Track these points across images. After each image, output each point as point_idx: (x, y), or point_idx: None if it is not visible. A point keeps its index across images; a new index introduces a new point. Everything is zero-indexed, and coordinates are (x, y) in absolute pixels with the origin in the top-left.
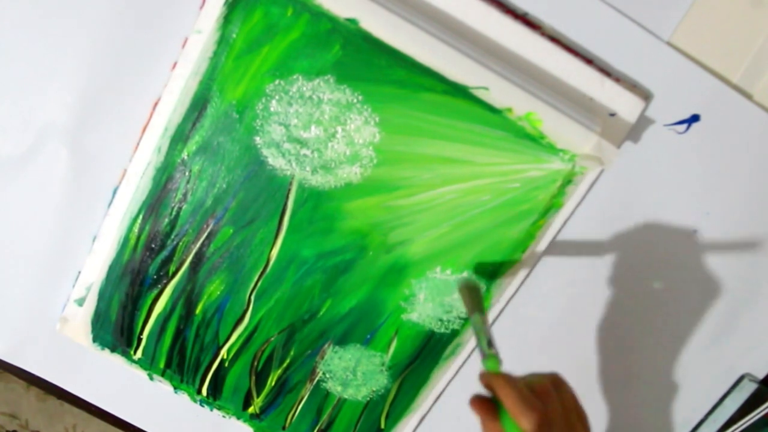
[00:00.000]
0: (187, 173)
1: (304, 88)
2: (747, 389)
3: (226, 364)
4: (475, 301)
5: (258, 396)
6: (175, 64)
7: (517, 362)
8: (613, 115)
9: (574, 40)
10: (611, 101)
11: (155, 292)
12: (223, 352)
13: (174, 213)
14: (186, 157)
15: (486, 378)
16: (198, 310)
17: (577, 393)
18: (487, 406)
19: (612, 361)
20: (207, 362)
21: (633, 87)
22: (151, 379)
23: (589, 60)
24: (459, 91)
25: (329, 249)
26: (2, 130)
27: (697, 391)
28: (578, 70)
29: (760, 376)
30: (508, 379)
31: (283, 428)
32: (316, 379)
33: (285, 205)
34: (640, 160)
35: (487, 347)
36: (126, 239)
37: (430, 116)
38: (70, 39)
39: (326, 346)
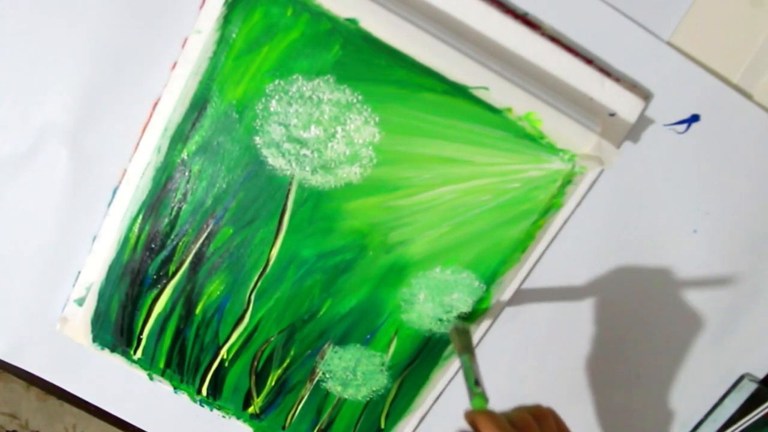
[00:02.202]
0: (187, 173)
1: (304, 88)
2: (747, 389)
3: (226, 364)
4: (465, 343)
5: (258, 396)
6: (175, 64)
7: (516, 362)
8: (613, 115)
9: (574, 40)
10: (611, 101)
11: (155, 292)
12: (223, 352)
13: (174, 213)
14: (186, 157)
15: (470, 416)
16: (198, 310)
17: (564, 423)
18: None
19: (611, 361)
20: (207, 362)
21: (633, 87)
22: (151, 379)
23: (589, 60)
24: (459, 91)
25: (329, 249)
26: (2, 130)
27: (697, 391)
28: (578, 70)
29: (760, 376)
30: (490, 415)
31: (283, 428)
32: (316, 379)
33: (285, 205)
34: (640, 160)
35: (474, 386)
36: (126, 239)
37: (430, 116)
38: (70, 39)
39: (326, 346)
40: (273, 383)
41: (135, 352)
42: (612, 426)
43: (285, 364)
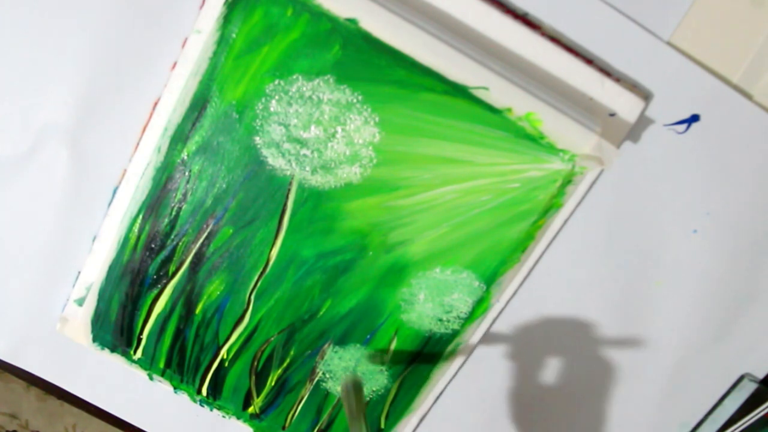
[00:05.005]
0: (186, 173)
1: (304, 88)
2: (747, 389)
3: (226, 364)
4: (360, 402)
5: (258, 396)
6: (175, 64)
7: (515, 362)
8: (613, 115)
9: (574, 40)
10: (611, 101)
11: (155, 292)
12: (223, 352)
13: (174, 213)
14: (186, 157)
15: None
16: (198, 310)
17: None
18: None
19: (611, 361)
20: (207, 362)
21: (633, 87)
22: (151, 379)
23: (589, 60)
24: (459, 91)
25: (329, 249)
26: (2, 130)
27: (697, 391)
28: (578, 70)
29: (760, 376)
30: None
31: (283, 428)
32: (316, 379)
33: (285, 205)
34: (640, 160)
35: None
36: (126, 239)
37: (430, 116)
38: (70, 39)
39: (326, 346)
40: (273, 383)
41: (135, 352)
42: (612, 426)
43: (285, 364)
